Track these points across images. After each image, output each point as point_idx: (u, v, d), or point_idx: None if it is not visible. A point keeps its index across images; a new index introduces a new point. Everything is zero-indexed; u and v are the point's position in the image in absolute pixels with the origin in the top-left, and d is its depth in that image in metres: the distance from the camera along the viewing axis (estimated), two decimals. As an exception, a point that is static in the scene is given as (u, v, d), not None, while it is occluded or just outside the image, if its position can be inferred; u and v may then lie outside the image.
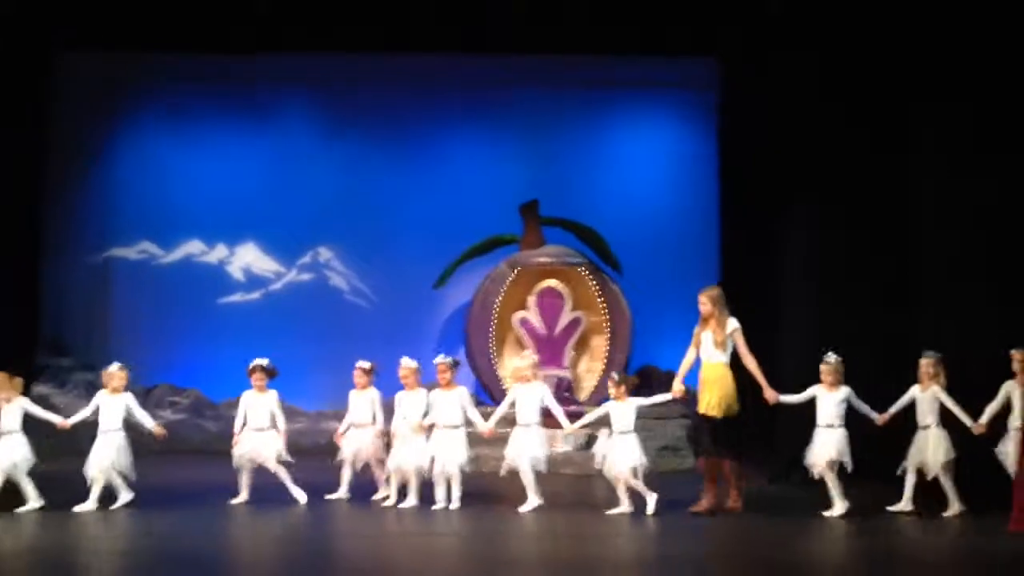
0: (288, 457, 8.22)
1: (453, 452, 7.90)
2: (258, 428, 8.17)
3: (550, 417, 8.12)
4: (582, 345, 11.62)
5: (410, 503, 7.91)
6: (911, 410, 7.76)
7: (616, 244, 12.20)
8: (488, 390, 11.49)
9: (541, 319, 11.49)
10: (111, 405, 7.94)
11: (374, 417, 8.33)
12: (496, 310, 11.58)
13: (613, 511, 7.59)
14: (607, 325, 11.54)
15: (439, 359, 8.12)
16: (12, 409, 7.75)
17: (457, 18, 11.48)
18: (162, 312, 12.73)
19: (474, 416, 8.00)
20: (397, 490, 8.02)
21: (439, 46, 12.01)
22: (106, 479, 7.80)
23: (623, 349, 11.49)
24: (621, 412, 7.74)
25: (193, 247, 13.01)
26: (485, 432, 7.97)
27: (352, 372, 8.49)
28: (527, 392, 7.94)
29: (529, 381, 7.97)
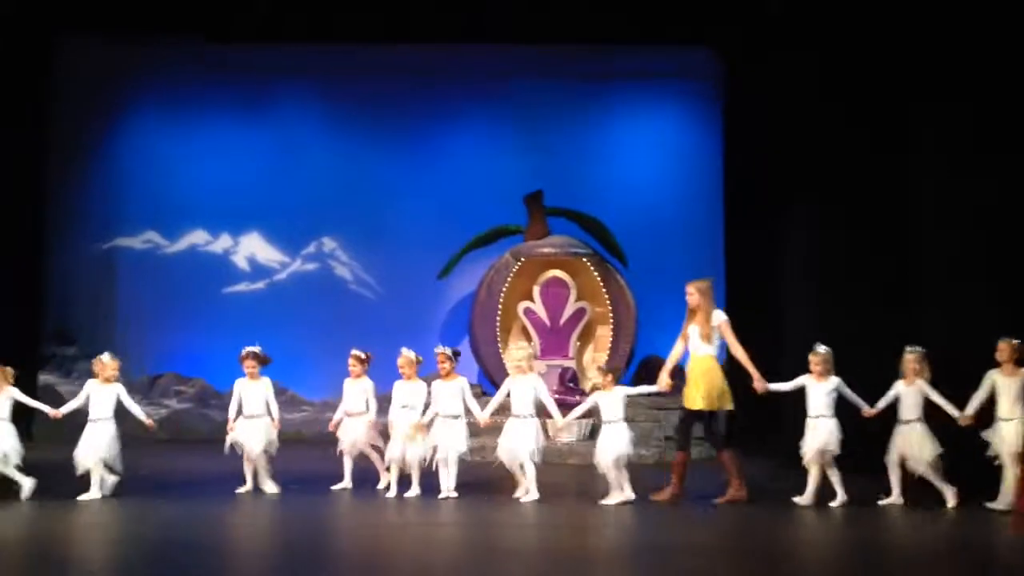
0: (275, 447, 8.21)
1: (454, 441, 7.92)
2: (252, 416, 8.17)
3: (564, 407, 8.14)
4: (587, 335, 11.64)
5: (413, 492, 7.93)
6: (895, 404, 7.72)
7: (620, 234, 12.21)
8: (493, 380, 11.52)
9: (546, 309, 11.51)
10: (102, 394, 7.93)
11: (367, 405, 8.34)
12: (501, 300, 11.60)
13: (607, 500, 7.61)
14: (611, 315, 11.55)
15: (439, 349, 8.13)
16: (1, 399, 7.74)
17: (460, 7, 11.47)
18: (167, 302, 12.78)
19: (473, 406, 8.02)
20: (397, 480, 8.03)
21: (443, 36, 12.01)
22: (97, 467, 7.78)
23: (627, 339, 11.51)
24: (608, 402, 7.77)
25: (198, 237, 13.04)
26: (481, 422, 7.98)
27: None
28: (521, 383, 7.96)
29: (524, 373, 7.98)
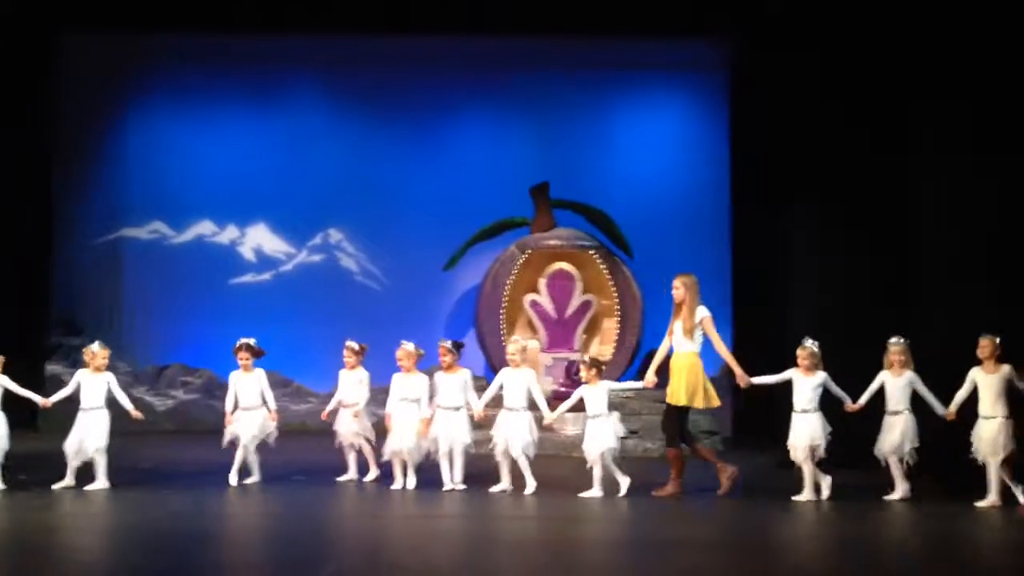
0: (273, 437, 8.21)
1: (457, 433, 7.95)
2: (247, 407, 8.18)
3: (555, 400, 8.16)
4: (593, 328, 11.63)
5: (409, 485, 7.94)
6: (880, 396, 7.68)
7: (626, 226, 12.19)
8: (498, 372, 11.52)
9: (552, 302, 11.50)
10: (93, 384, 7.91)
11: (361, 396, 8.35)
12: (507, 292, 11.60)
13: (587, 493, 7.61)
14: (618, 308, 11.54)
15: (441, 342, 8.14)
16: None
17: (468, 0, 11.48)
18: (174, 292, 12.80)
19: (472, 399, 8.04)
20: (402, 472, 8.04)
21: (450, 27, 11.99)
22: (91, 457, 7.79)
23: (633, 332, 11.50)
24: (593, 395, 7.77)
25: (204, 228, 13.05)
26: (476, 415, 8.01)
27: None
28: (515, 376, 7.97)
29: (517, 366, 8.00)
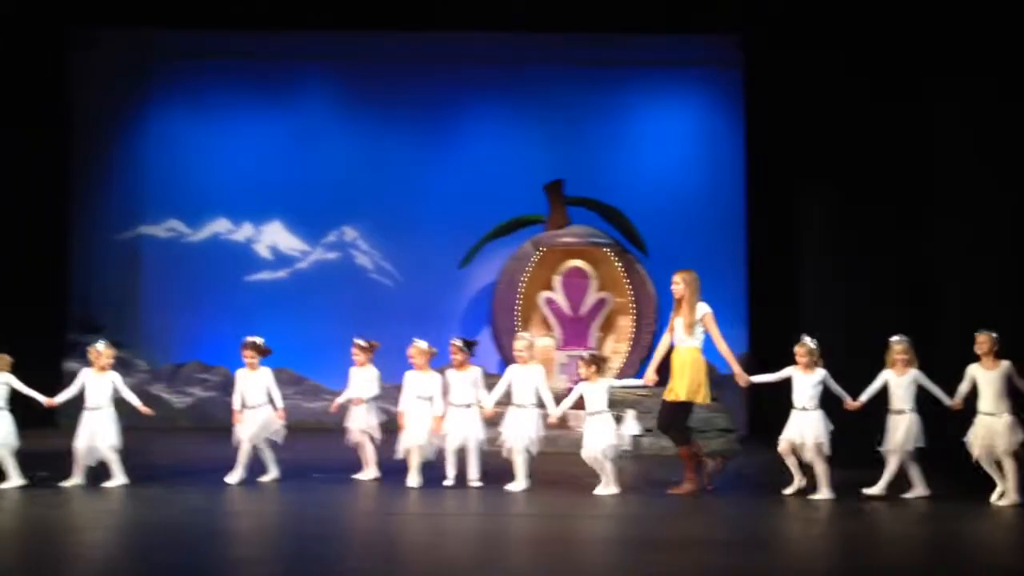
0: (280, 436, 8.20)
1: (470, 430, 7.98)
2: (253, 406, 8.19)
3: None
4: (608, 326, 11.63)
5: (414, 483, 7.95)
6: (883, 394, 7.63)
7: (642, 224, 12.18)
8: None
9: (567, 299, 11.51)
10: (98, 383, 7.95)
11: (370, 392, 8.36)
12: (521, 290, 11.60)
13: (600, 491, 7.62)
14: (633, 306, 11.54)
15: (452, 341, 8.15)
16: None
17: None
18: (191, 290, 12.86)
19: (482, 395, 8.06)
20: (419, 469, 8.07)
21: (465, 24, 11.99)
22: (104, 455, 7.84)
23: (649, 330, 11.49)
24: (592, 393, 7.76)
25: (220, 225, 13.11)
26: (485, 412, 8.02)
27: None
28: (523, 373, 7.99)
29: (525, 363, 8.00)
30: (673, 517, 7.09)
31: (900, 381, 7.57)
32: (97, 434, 7.83)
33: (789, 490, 7.70)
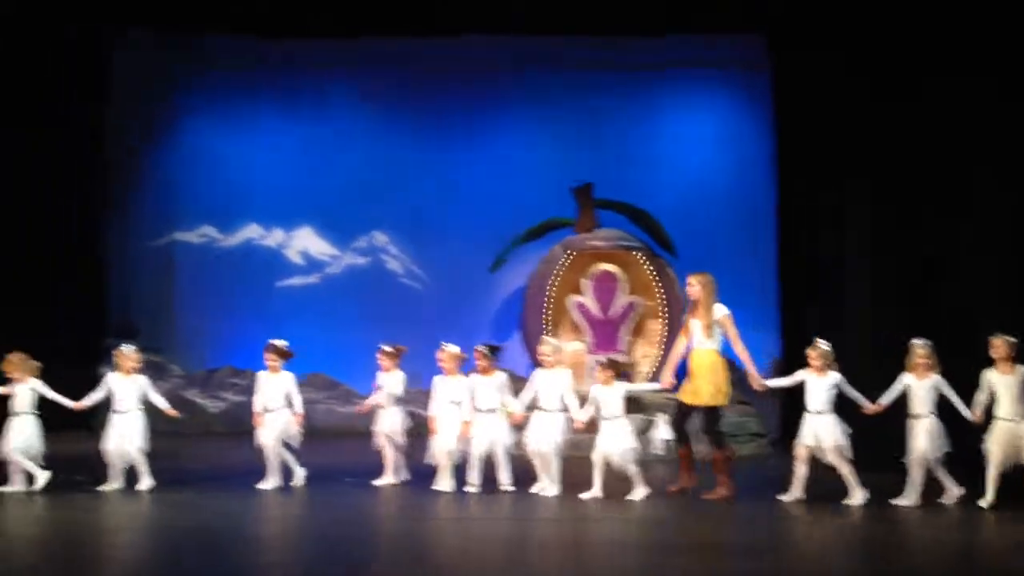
0: (296, 440, 8.22)
1: (496, 435, 7.98)
2: (272, 409, 8.23)
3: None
4: (638, 329, 11.57)
5: (446, 486, 7.99)
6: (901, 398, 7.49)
7: (671, 226, 12.12)
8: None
9: (596, 303, 11.48)
10: (125, 386, 8.06)
11: (397, 398, 8.39)
12: (551, 293, 11.59)
13: (633, 496, 7.58)
14: (663, 309, 11.48)
15: (476, 347, 8.15)
16: (24, 391, 7.91)
17: (511, 1, 11.48)
18: (223, 295, 13.01)
19: (508, 400, 8.06)
20: (451, 473, 8.08)
21: (491, 27, 12.02)
22: (133, 458, 7.93)
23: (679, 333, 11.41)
24: (608, 397, 7.71)
25: (252, 231, 13.25)
26: (514, 417, 8.02)
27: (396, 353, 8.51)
28: (549, 378, 7.96)
29: (551, 367, 7.99)
30: (699, 521, 7.05)
31: (920, 385, 7.43)
32: (125, 437, 7.93)
33: (786, 496, 7.55)
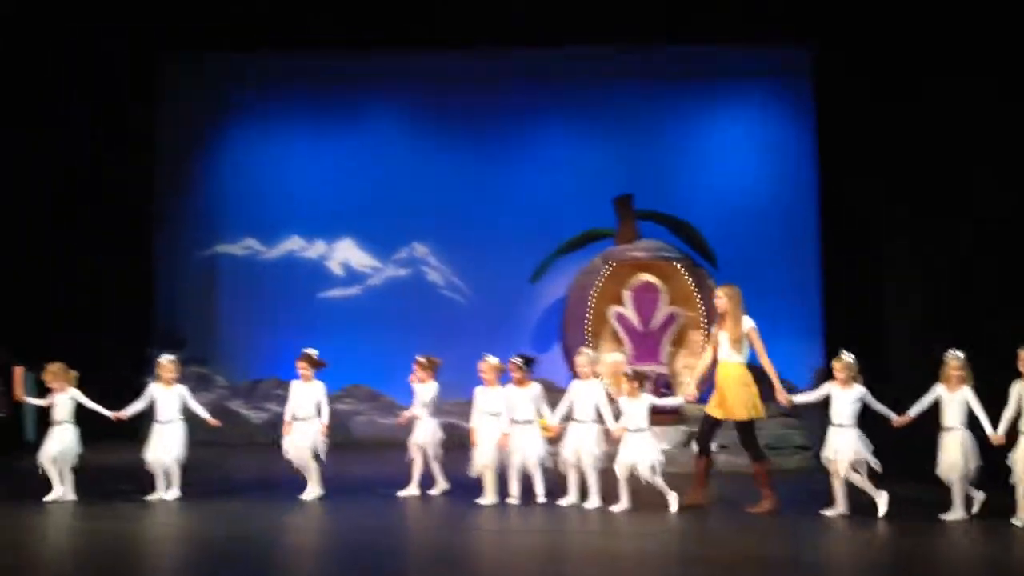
0: (321, 450, 8.25)
1: (530, 447, 7.96)
2: (301, 418, 8.28)
3: (658, 414, 8.08)
4: (679, 340, 11.49)
5: (490, 499, 7.98)
6: (931, 410, 7.34)
7: (711, 237, 12.04)
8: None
9: (637, 314, 11.42)
10: (166, 397, 8.17)
11: (433, 410, 8.42)
12: (591, 304, 11.56)
13: (615, 507, 7.54)
14: (704, 320, 11.39)
15: (511, 359, 8.14)
16: (64, 400, 8.04)
17: (548, 10, 11.51)
18: (266, 306, 13.15)
19: (544, 411, 8.04)
20: (493, 485, 8.07)
21: (530, 40, 12.06)
22: (163, 469, 8.03)
23: (720, 344, 11.32)
24: (633, 409, 7.65)
25: (293, 243, 13.38)
26: (551, 429, 7.99)
27: (432, 365, 8.56)
28: (584, 389, 7.93)
29: (587, 378, 7.96)
30: (742, 534, 6.97)
31: (952, 397, 7.29)
32: (165, 446, 8.05)
33: (830, 511, 7.42)
